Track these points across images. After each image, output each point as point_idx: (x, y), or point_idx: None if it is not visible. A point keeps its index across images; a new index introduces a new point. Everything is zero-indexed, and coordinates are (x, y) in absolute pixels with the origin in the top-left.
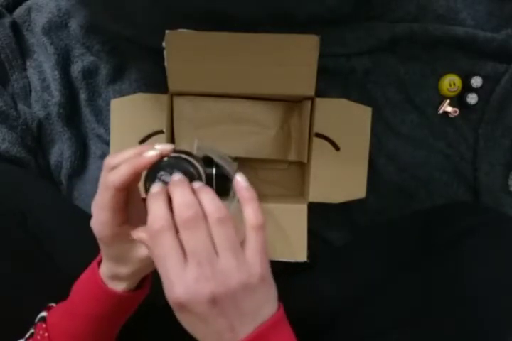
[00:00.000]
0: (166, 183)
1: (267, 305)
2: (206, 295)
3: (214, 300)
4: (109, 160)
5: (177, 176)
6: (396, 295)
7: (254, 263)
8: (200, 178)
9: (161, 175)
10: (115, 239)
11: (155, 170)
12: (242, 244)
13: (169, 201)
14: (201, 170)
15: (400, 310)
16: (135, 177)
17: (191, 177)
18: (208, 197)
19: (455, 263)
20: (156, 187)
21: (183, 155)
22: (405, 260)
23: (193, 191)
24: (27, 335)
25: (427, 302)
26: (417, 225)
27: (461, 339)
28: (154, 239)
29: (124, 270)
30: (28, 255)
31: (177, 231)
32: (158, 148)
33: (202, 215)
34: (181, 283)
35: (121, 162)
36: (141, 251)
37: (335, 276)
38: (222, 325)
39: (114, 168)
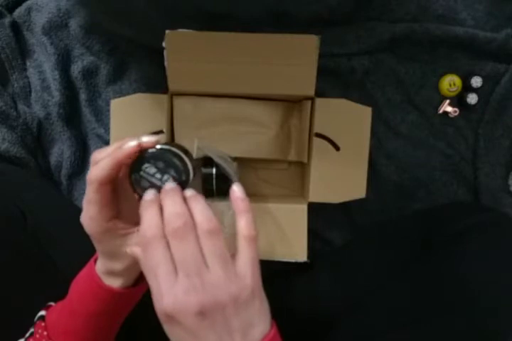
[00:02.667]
0: (150, 176)
1: (258, 322)
2: (194, 307)
3: (202, 313)
4: (95, 155)
5: (169, 185)
6: (396, 295)
7: (245, 276)
8: (187, 172)
9: (146, 168)
10: (105, 235)
11: (139, 162)
12: (234, 255)
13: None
14: (189, 164)
15: (399, 310)
16: (118, 171)
17: (176, 170)
18: (199, 207)
19: (455, 263)
20: (149, 195)
21: (173, 149)
22: (405, 260)
23: (185, 199)
24: (27, 335)
25: (426, 303)
26: (417, 225)
27: (461, 339)
28: (146, 247)
29: (118, 266)
30: (28, 255)
31: None
32: (144, 140)
33: (191, 225)
34: (170, 294)
35: (105, 156)
36: None
37: (335, 276)
38: None
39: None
